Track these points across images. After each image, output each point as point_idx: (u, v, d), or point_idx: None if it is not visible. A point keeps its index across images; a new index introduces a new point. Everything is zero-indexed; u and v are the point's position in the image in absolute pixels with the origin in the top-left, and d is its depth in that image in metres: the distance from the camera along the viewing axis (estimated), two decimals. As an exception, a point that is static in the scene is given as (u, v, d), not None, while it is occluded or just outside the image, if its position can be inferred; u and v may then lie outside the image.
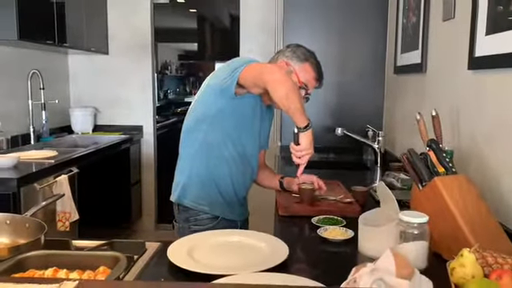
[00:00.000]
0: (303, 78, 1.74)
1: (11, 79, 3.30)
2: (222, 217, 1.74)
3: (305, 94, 1.75)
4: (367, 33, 3.02)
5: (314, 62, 1.77)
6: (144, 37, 4.13)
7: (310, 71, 1.75)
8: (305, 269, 1.20)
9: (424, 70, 2.18)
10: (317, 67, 1.77)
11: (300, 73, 1.74)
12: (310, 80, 1.76)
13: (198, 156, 1.72)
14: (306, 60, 1.75)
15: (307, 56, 1.76)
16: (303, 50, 1.78)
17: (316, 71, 1.76)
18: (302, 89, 1.75)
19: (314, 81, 1.77)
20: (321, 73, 1.78)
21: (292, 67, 1.74)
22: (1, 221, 1.27)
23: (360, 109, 3.05)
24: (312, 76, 1.76)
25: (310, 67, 1.75)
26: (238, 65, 1.60)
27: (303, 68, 1.74)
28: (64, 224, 2.62)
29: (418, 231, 1.14)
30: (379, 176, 2.43)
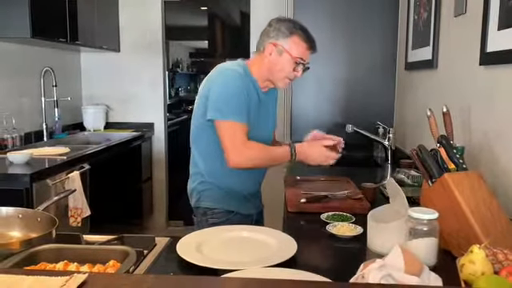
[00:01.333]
0: (295, 53, 1.69)
1: (24, 77, 3.35)
2: (236, 211, 1.78)
3: (303, 67, 1.73)
4: (378, 29, 3.00)
5: (301, 32, 1.70)
6: (155, 34, 4.15)
7: (300, 43, 1.69)
8: (313, 264, 1.20)
9: (435, 66, 2.16)
10: (305, 35, 1.71)
11: (291, 49, 1.69)
12: (303, 51, 1.71)
13: (209, 154, 1.75)
14: (293, 33, 1.69)
15: (292, 29, 1.70)
16: (286, 23, 1.73)
17: (306, 40, 1.71)
18: (299, 64, 1.71)
19: (307, 50, 1.72)
20: (311, 40, 1.72)
21: (281, 46, 1.69)
22: (13, 215, 1.29)
23: (370, 105, 3.03)
24: (303, 47, 1.70)
25: (298, 39, 1.69)
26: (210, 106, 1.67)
27: (292, 42, 1.69)
28: (76, 220, 2.64)
29: (428, 228, 1.14)
30: (389, 173, 2.41)
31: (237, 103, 1.65)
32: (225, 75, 1.70)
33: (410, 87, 2.72)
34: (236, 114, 1.64)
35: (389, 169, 2.52)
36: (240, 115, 1.64)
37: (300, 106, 3.11)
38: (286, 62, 1.69)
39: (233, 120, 1.63)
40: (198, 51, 8.45)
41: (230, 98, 1.65)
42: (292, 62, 1.70)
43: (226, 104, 1.64)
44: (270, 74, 1.74)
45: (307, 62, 1.73)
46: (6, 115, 3.05)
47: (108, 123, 4.20)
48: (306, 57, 1.72)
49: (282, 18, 1.76)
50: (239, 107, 1.65)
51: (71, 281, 0.76)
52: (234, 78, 1.67)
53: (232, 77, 1.68)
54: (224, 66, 1.76)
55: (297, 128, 3.10)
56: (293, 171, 2.21)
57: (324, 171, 2.39)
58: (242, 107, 1.66)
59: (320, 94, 3.08)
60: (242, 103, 1.66)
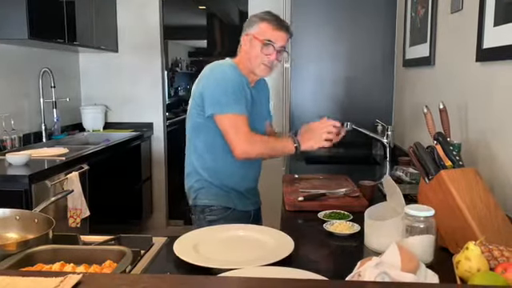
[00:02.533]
0: (262, 36, 1.73)
1: (23, 78, 3.35)
2: (234, 208, 1.81)
3: (273, 49, 1.74)
4: (376, 27, 3.00)
5: (268, 17, 1.76)
6: (153, 34, 4.14)
7: (266, 26, 1.74)
8: (310, 263, 1.20)
9: (432, 63, 2.15)
10: (272, 19, 1.75)
11: (258, 34, 1.74)
12: (270, 32, 1.74)
13: (205, 152, 1.76)
14: (260, 21, 1.76)
15: (259, 17, 1.77)
16: (257, 15, 1.80)
17: (272, 23, 1.75)
18: (267, 45, 1.73)
19: (275, 31, 1.74)
20: (279, 21, 1.77)
21: (251, 35, 1.75)
22: (10, 216, 1.29)
23: (369, 103, 3.03)
24: (270, 28, 1.74)
25: (264, 24, 1.75)
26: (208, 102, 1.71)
27: (259, 28, 1.75)
28: (75, 220, 2.65)
29: (424, 225, 1.14)
30: (388, 170, 2.41)
31: (235, 95, 1.68)
32: (219, 70, 1.75)
33: (408, 84, 2.72)
34: (236, 105, 1.67)
35: (387, 166, 2.52)
36: (240, 106, 1.68)
37: (299, 104, 3.11)
38: (257, 46, 1.73)
39: (234, 112, 1.67)
40: (197, 50, 8.45)
41: (227, 91, 1.68)
42: (261, 46, 1.73)
43: (225, 97, 1.67)
44: (249, 63, 1.77)
45: (280, 44, 1.75)
46: (4, 116, 3.05)
47: (107, 123, 4.20)
48: (276, 38, 1.74)
49: (256, 13, 1.81)
50: (238, 99, 1.68)
51: (66, 281, 0.76)
52: (228, 71, 1.73)
53: (226, 71, 1.73)
54: (215, 63, 1.80)
55: (296, 126, 3.09)
56: (291, 170, 2.22)
57: (322, 169, 2.40)
58: (241, 99, 1.69)
59: (318, 91, 3.08)
60: (240, 95, 1.70)
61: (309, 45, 3.06)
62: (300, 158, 2.77)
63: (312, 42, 3.06)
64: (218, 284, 0.86)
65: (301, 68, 3.08)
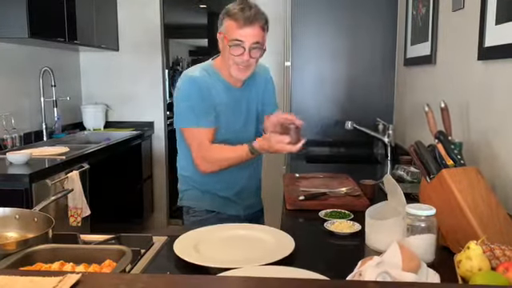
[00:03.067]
0: (229, 36, 1.60)
1: (24, 77, 3.34)
2: (218, 211, 1.78)
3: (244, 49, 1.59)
4: (377, 25, 2.99)
5: (232, 12, 1.59)
6: (154, 33, 4.13)
7: (231, 24, 1.59)
8: (311, 262, 1.19)
9: (434, 62, 2.15)
10: (237, 13, 1.57)
11: (227, 33, 1.61)
12: (236, 31, 1.58)
13: (186, 157, 1.76)
14: (225, 17, 1.62)
15: (225, 12, 1.62)
16: (226, 7, 1.64)
17: (237, 19, 1.57)
18: (235, 45, 1.59)
19: (242, 29, 1.57)
20: (246, 15, 1.56)
21: (222, 34, 1.64)
22: (10, 215, 1.29)
23: (370, 102, 3.02)
24: (235, 26, 1.58)
25: (228, 21, 1.60)
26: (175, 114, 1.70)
27: (225, 27, 1.62)
28: (76, 219, 2.64)
29: (426, 224, 1.13)
30: (389, 169, 2.40)
31: (197, 109, 1.64)
32: (183, 82, 1.69)
33: (409, 83, 2.71)
34: (197, 119, 1.64)
35: (388, 165, 2.51)
36: (201, 120, 1.64)
37: (299, 103, 3.10)
38: (227, 47, 1.61)
39: (194, 126, 1.65)
40: (198, 49, 8.44)
41: (189, 105, 1.66)
42: (228, 47, 1.61)
43: (186, 111, 1.66)
44: (225, 64, 1.67)
45: (251, 42, 1.58)
46: (5, 115, 3.05)
47: (108, 122, 4.20)
48: (244, 36, 1.57)
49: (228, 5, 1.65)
50: (199, 112, 1.64)
51: (64, 281, 0.76)
52: (190, 83, 1.67)
53: (189, 83, 1.67)
54: (186, 71, 1.74)
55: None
56: (292, 169, 2.21)
57: (323, 168, 2.40)
58: (203, 111, 1.64)
59: (319, 90, 3.07)
60: (203, 107, 1.64)
61: (309, 43, 3.05)
62: (301, 157, 2.77)
63: (312, 41, 3.05)
64: (217, 284, 0.86)
65: (301, 67, 3.07)
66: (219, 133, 1.70)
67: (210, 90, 1.67)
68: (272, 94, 1.90)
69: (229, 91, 1.71)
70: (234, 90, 1.72)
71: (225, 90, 1.70)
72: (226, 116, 1.70)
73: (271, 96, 1.89)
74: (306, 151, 2.95)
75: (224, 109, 1.69)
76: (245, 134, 1.76)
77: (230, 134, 1.72)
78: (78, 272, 0.77)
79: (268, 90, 1.87)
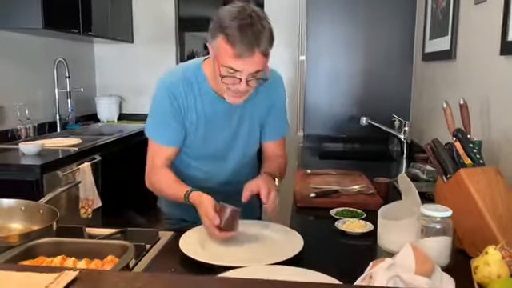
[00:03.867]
0: (221, 59, 1.25)
1: (38, 68, 3.36)
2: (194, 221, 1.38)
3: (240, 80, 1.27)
4: (395, 18, 2.91)
5: (229, 30, 1.22)
6: (169, 26, 4.12)
7: (224, 46, 1.23)
8: (319, 262, 1.15)
9: (453, 57, 2.07)
10: (235, 35, 1.21)
11: (218, 54, 1.26)
12: (230, 59, 1.24)
13: None
14: (219, 32, 1.24)
15: (218, 25, 1.25)
16: (221, 15, 1.26)
17: (231, 43, 1.22)
18: (229, 75, 1.27)
19: (235, 58, 1.23)
20: (245, 39, 1.21)
21: (212, 50, 1.30)
22: (16, 207, 1.28)
23: (386, 97, 2.95)
24: (229, 53, 1.23)
25: (222, 39, 1.23)
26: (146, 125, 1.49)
27: (218, 46, 1.25)
28: (87, 211, 2.65)
29: (441, 226, 1.08)
30: (405, 167, 2.35)
31: (158, 122, 1.45)
32: (156, 87, 1.45)
33: (427, 79, 2.63)
34: (155, 133, 1.46)
35: (404, 163, 2.45)
36: (159, 135, 1.45)
37: (313, 97, 3.04)
38: (217, 68, 1.29)
39: (152, 139, 1.47)
40: (214, 43, 8.37)
41: (152, 115, 1.47)
42: (220, 76, 1.29)
43: (149, 121, 1.48)
44: (217, 81, 1.34)
45: (248, 72, 1.26)
46: (19, 106, 3.06)
47: (121, 114, 4.21)
48: (240, 67, 1.25)
49: (226, 7, 1.29)
50: (159, 126, 1.45)
51: (61, 277, 0.73)
52: (159, 89, 1.44)
53: (158, 88, 1.44)
54: (166, 72, 1.48)
55: (309, 121, 3.04)
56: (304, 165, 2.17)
57: (336, 164, 2.34)
58: (163, 126, 1.44)
59: (334, 85, 3.01)
60: (164, 121, 1.43)
61: (324, 37, 2.99)
62: (313, 153, 2.72)
63: (328, 34, 2.98)
64: (217, 285, 0.83)
65: (316, 61, 3.01)
66: (196, 147, 1.49)
67: (185, 101, 1.42)
68: (278, 115, 1.57)
69: (215, 103, 1.43)
70: (223, 102, 1.39)
71: (210, 100, 1.43)
72: (206, 130, 1.46)
73: (275, 118, 1.56)
74: (319, 147, 2.91)
75: (204, 122, 1.45)
76: (229, 153, 1.53)
77: (209, 151, 1.51)
78: (76, 269, 0.74)
79: (275, 108, 1.55)
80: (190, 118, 1.44)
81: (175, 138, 1.45)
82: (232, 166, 1.56)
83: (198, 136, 1.47)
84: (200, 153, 1.51)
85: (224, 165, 1.55)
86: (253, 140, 1.57)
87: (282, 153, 1.62)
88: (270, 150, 1.60)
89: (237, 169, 1.57)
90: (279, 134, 1.61)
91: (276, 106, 1.55)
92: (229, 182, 1.55)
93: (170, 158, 1.47)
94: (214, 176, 1.55)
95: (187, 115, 1.44)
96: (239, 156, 1.55)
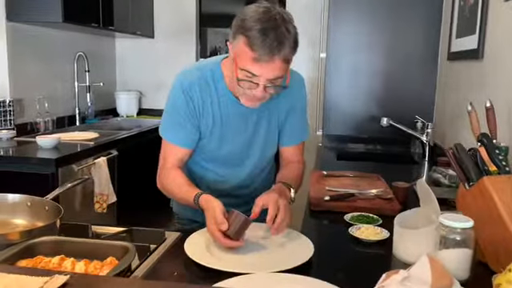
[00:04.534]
0: (240, 62, 1.20)
1: (58, 61, 3.37)
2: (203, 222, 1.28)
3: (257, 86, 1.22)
4: (419, 16, 2.80)
5: (251, 32, 1.16)
6: (189, 21, 4.11)
7: (244, 48, 1.18)
8: (330, 271, 1.09)
9: (481, 57, 1.97)
10: (255, 38, 1.15)
11: (237, 56, 1.21)
12: (249, 62, 1.18)
13: None
14: (241, 32, 1.18)
15: (240, 24, 1.19)
16: (244, 15, 1.20)
17: (252, 45, 1.16)
18: (246, 79, 1.21)
19: (255, 62, 1.17)
20: (266, 46, 1.15)
21: (232, 50, 1.25)
22: (21, 202, 1.26)
23: (409, 98, 2.84)
24: (249, 55, 1.17)
25: (243, 43, 1.17)
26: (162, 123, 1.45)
27: (238, 48, 1.20)
28: (101, 206, 2.64)
29: (461, 237, 1.01)
30: (426, 171, 2.26)
31: (173, 122, 1.40)
32: (173, 85, 1.40)
33: (452, 79, 2.53)
34: (169, 133, 1.41)
35: (425, 167, 2.36)
36: (173, 136, 1.40)
37: (333, 96, 2.96)
38: (234, 70, 1.24)
39: (165, 139, 1.42)
40: (236, 39, 8.33)
41: (167, 115, 1.42)
42: (237, 78, 1.23)
43: (164, 120, 1.43)
44: (234, 83, 1.28)
45: (267, 78, 1.20)
46: (38, 99, 3.08)
47: (141, 109, 4.21)
48: (259, 72, 1.19)
49: (251, 6, 1.22)
50: (174, 127, 1.40)
51: (50, 282, 0.70)
52: (176, 88, 1.38)
53: (174, 87, 1.39)
54: (183, 70, 1.43)
55: (329, 121, 2.96)
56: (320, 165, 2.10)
57: (354, 166, 2.27)
58: (177, 125, 1.39)
59: (355, 84, 2.93)
60: (180, 121, 1.38)
61: (346, 34, 2.90)
62: (331, 153, 2.65)
63: (350, 31, 2.90)
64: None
65: (337, 58, 2.93)
66: (211, 150, 1.45)
67: (201, 102, 1.37)
68: (298, 119, 1.51)
69: (231, 105, 1.39)
70: (239, 104, 1.35)
71: (226, 102, 1.39)
72: (221, 132, 1.42)
73: (295, 122, 1.50)
74: (337, 147, 2.84)
75: (219, 124, 1.40)
76: (246, 157, 1.48)
77: (225, 154, 1.45)
78: (67, 273, 0.71)
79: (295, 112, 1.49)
80: (206, 119, 1.40)
81: (189, 140, 1.41)
82: (248, 170, 1.51)
83: (213, 138, 1.43)
84: (215, 156, 1.47)
85: (240, 168, 1.50)
86: (270, 144, 1.51)
87: (300, 159, 1.56)
88: (289, 155, 1.54)
89: (253, 173, 1.52)
90: (298, 138, 1.54)
91: (296, 109, 1.49)
92: (244, 186, 1.52)
93: (182, 160, 1.43)
94: (230, 179, 1.50)
95: (203, 117, 1.39)
96: (256, 160, 1.50)
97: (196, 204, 1.27)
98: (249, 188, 1.52)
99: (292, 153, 1.54)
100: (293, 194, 1.34)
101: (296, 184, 1.42)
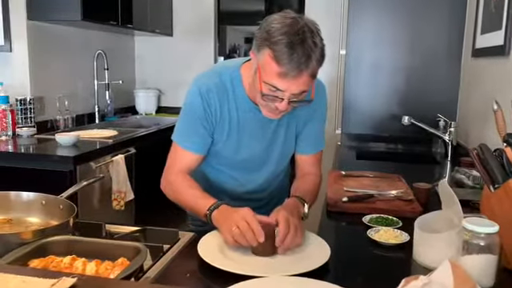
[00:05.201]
0: (265, 75, 1.16)
1: (78, 59, 3.40)
2: None
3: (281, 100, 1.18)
4: (442, 10, 2.72)
5: (278, 46, 1.11)
6: (208, 19, 4.10)
7: (270, 61, 1.13)
8: (347, 275, 1.06)
9: (507, 53, 1.90)
10: (283, 53, 1.11)
11: (262, 68, 1.16)
12: (275, 77, 1.14)
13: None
14: (266, 45, 1.14)
15: (265, 36, 1.14)
16: (270, 25, 1.15)
17: (278, 61, 1.11)
18: (270, 93, 1.18)
19: (281, 78, 1.13)
20: (294, 61, 1.11)
21: (255, 61, 1.20)
22: (36, 200, 1.26)
23: (431, 96, 2.77)
24: (274, 70, 1.13)
25: (269, 56, 1.13)
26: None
27: (263, 60, 1.15)
28: (119, 203, 2.65)
29: (485, 242, 0.97)
30: (448, 171, 2.19)
31: (188, 127, 1.37)
32: (191, 90, 1.36)
33: (477, 76, 2.45)
34: (183, 138, 1.38)
35: (448, 167, 2.29)
36: (187, 141, 1.37)
37: (352, 93, 2.91)
38: (258, 83, 1.19)
39: (177, 143, 1.39)
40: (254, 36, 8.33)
41: (181, 118, 1.40)
42: (260, 92, 1.19)
43: (179, 124, 1.40)
44: (254, 91, 1.26)
45: (292, 92, 1.16)
46: (58, 97, 3.11)
47: (160, 107, 4.23)
48: (285, 87, 1.15)
49: (276, 17, 1.17)
50: (189, 132, 1.37)
51: (58, 285, 0.68)
52: (195, 96, 1.34)
53: (194, 94, 1.34)
54: (202, 74, 1.39)
55: (348, 119, 2.91)
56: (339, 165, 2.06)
57: (374, 166, 2.22)
58: (192, 131, 1.36)
59: (375, 81, 2.87)
60: (196, 127, 1.35)
61: (367, 29, 2.84)
62: (351, 152, 2.60)
63: (370, 28, 2.84)
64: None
65: (357, 55, 2.87)
66: (227, 156, 1.41)
67: (218, 108, 1.34)
68: (316, 127, 1.47)
69: (250, 111, 1.35)
70: (258, 111, 1.31)
71: (244, 109, 1.35)
72: (238, 139, 1.39)
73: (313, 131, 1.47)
74: (357, 146, 2.78)
75: (236, 130, 1.37)
76: (263, 164, 1.45)
77: (242, 161, 1.42)
78: (75, 276, 0.69)
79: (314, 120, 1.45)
80: (222, 124, 1.37)
81: (202, 146, 1.38)
82: (265, 177, 1.48)
83: (229, 144, 1.39)
84: (232, 161, 1.44)
85: (257, 174, 1.47)
86: (288, 152, 1.48)
87: (318, 172, 1.51)
88: (306, 165, 1.50)
89: (270, 178, 1.50)
90: (315, 147, 1.50)
91: (315, 117, 1.45)
92: (260, 190, 1.50)
93: (193, 165, 1.39)
94: (246, 184, 1.48)
95: (219, 122, 1.36)
96: (273, 167, 1.47)
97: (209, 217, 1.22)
98: (265, 192, 1.51)
99: (309, 163, 1.50)
100: (306, 210, 1.29)
101: (310, 199, 1.38)
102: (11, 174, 2.36)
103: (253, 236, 1.09)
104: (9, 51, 2.87)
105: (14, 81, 2.88)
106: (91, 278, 0.79)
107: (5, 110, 2.66)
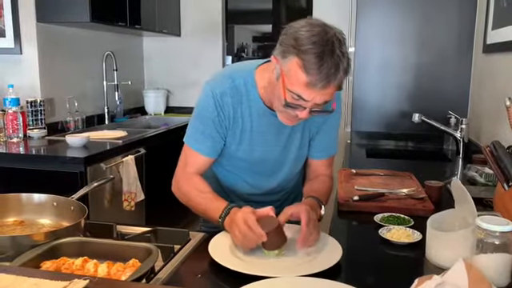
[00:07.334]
0: (290, 84, 1.13)
1: (87, 61, 3.42)
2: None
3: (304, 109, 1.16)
4: (452, 6, 2.69)
5: (307, 56, 1.08)
6: (216, 18, 4.09)
7: (297, 72, 1.10)
8: (359, 275, 1.05)
9: (519, 48, 1.88)
10: (312, 64, 1.08)
11: (286, 76, 1.14)
12: (301, 87, 1.11)
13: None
14: (295, 53, 1.10)
15: (293, 43, 1.11)
16: (298, 33, 1.12)
17: (307, 70, 1.09)
18: (289, 107, 1.16)
19: (308, 88, 1.11)
20: (323, 73, 1.08)
21: (279, 66, 1.16)
22: (47, 202, 1.27)
23: (441, 93, 2.74)
24: (302, 80, 1.10)
25: (297, 65, 1.10)
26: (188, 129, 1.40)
27: (289, 68, 1.12)
28: (129, 204, 2.66)
29: (500, 241, 0.95)
30: (460, 169, 2.17)
31: (201, 130, 1.36)
32: (203, 88, 1.36)
33: (488, 73, 2.42)
34: (193, 139, 1.37)
35: (460, 164, 2.27)
36: (199, 144, 1.36)
37: (362, 91, 2.89)
38: (281, 91, 1.16)
39: (188, 145, 1.38)
40: (262, 35, 8.32)
41: (193, 121, 1.39)
42: (284, 100, 1.16)
43: (191, 126, 1.39)
44: (272, 97, 1.25)
45: (315, 102, 1.14)
46: (68, 98, 3.13)
47: (169, 107, 4.24)
48: (311, 97, 1.13)
49: (304, 24, 1.14)
50: (202, 135, 1.35)
51: (70, 286, 0.69)
52: (206, 96, 1.33)
53: (205, 95, 1.34)
54: (215, 77, 1.39)
55: (358, 116, 2.89)
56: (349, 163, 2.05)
57: (384, 164, 2.21)
58: (204, 134, 1.35)
59: (385, 78, 2.85)
60: (208, 130, 1.34)
61: (375, 26, 2.82)
62: (361, 150, 2.58)
63: (379, 23, 2.81)
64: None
65: (366, 52, 2.85)
66: (239, 160, 1.40)
67: (232, 113, 1.33)
68: (330, 132, 1.46)
69: (264, 116, 1.34)
70: (273, 116, 1.30)
71: (258, 113, 1.34)
72: (250, 143, 1.38)
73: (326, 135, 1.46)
74: (366, 144, 2.77)
75: (249, 135, 1.36)
76: (278, 170, 1.45)
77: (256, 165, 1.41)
78: (87, 277, 0.69)
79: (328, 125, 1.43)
80: (235, 127, 1.36)
81: (214, 150, 1.38)
82: (278, 181, 1.48)
83: (241, 147, 1.38)
84: (244, 165, 1.43)
85: (271, 179, 1.47)
86: (302, 156, 1.47)
87: (330, 174, 1.50)
88: (318, 167, 1.49)
89: (283, 183, 1.49)
90: (328, 152, 1.49)
91: (329, 122, 1.43)
92: (274, 192, 1.50)
93: (203, 168, 1.40)
94: (258, 188, 1.47)
95: (232, 125, 1.35)
96: (287, 172, 1.46)
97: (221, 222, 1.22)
98: (278, 194, 1.51)
99: (321, 165, 1.49)
100: (323, 212, 1.29)
101: (325, 200, 1.38)
102: (23, 175, 2.37)
103: (255, 238, 1.10)
104: (19, 53, 2.89)
105: (25, 83, 2.91)
106: (103, 280, 0.79)
107: (16, 112, 2.68)
